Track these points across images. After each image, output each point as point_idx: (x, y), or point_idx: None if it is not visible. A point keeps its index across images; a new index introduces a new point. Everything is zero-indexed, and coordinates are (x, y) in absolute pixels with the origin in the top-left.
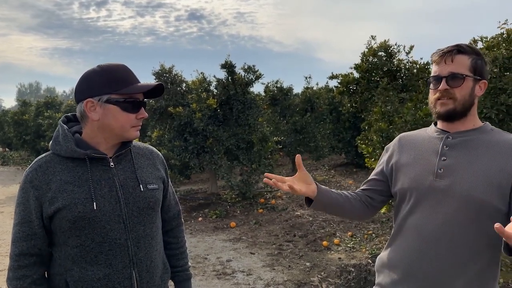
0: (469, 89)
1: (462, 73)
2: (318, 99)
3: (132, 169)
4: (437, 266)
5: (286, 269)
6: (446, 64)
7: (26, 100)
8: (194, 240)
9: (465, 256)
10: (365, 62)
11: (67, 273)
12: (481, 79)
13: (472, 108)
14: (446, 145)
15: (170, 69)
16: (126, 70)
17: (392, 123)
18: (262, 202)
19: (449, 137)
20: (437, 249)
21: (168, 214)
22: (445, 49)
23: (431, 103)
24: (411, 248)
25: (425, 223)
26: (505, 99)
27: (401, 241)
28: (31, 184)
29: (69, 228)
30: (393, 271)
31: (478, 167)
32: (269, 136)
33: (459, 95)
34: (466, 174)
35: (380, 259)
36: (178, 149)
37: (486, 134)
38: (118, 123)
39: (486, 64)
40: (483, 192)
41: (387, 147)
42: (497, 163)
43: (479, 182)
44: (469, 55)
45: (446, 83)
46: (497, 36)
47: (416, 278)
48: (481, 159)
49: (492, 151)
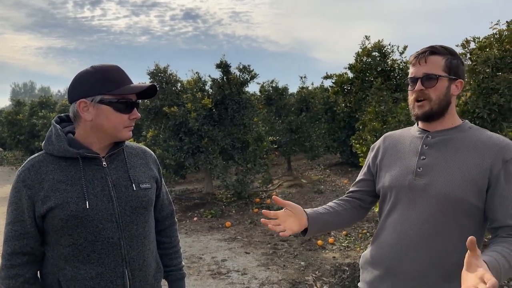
0: (444, 88)
1: (436, 73)
2: (313, 99)
3: (125, 168)
4: (417, 263)
5: (281, 269)
6: (420, 66)
7: (20, 100)
8: (189, 240)
9: (443, 253)
10: (359, 62)
11: (60, 272)
12: (457, 79)
13: (449, 108)
14: (425, 145)
15: (165, 68)
16: (119, 71)
17: (386, 123)
18: (258, 202)
19: (429, 136)
20: (416, 247)
21: (161, 214)
22: (420, 51)
23: (410, 104)
24: (391, 245)
25: (404, 221)
26: (497, 99)
27: (382, 239)
28: (23, 183)
29: (62, 227)
30: (375, 268)
31: (455, 165)
32: (264, 136)
33: (434, 95)
34: (444, 173)
35: (364, 256)
36: (173, 149)
37: (464, 132)
38: (111, 124)
39: (462, 64)
40: (460, 190)
41: (372, 146)
42: (473, 160)
43: (456, 180)
44: (443, 55)
45: (421, 84)
46: (490, 37)
47: (397, 275)
48: (459, 157)
49: (470, 149)
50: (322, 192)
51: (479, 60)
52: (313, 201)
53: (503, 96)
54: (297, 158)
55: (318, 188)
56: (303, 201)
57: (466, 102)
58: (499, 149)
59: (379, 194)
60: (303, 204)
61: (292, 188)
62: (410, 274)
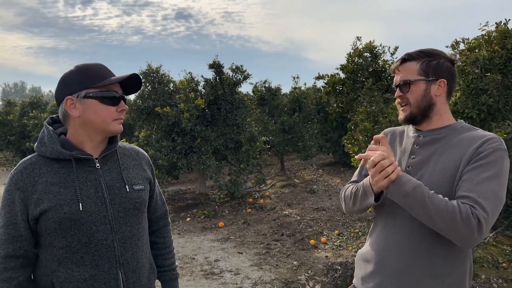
0: (420, 91)
1: (409, 79)
2: (306, 99)
3: (118, 170)
4: (402, 261)
5: (274, 268)
6: (397, 74)
7: (11, 100)
8: (182, 240)
9: (428, 251)
10: (350, 63)
11: (53, 274)
12: (438, 79)
13: (433, 108)
14: (416, 144)
15: (158, 68)
16: (102, 67)
17: (377, 123)
18: (251, 202)
19: (420, 136)
20: (402, 245)
21: (155, 214)
22: (397, 60)
23: (398, 109)
24: (380, 243)
25: (394, 219)
26: (486, 99)
27: (375, 236)
28: (16, 186)
29: (55, 229)
30: (367, 264)
31: (440, 163)
32: (258, 136)
33: (412, 99)
34: (429, 171)
35: (359, 253)
36: (166, 149)
37: (455, 131)
38: (99, 117)
39: (450, 62)
40: (443, 187)
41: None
42: (456, 157)
43: (439, 177)
44: (418, 60)
45: (399, 90)
46: (479, 38)
47: (385, 272)
48: (444, 155)
49: (456, 147)
50: (314, 192)
51: (468, 61)
52: (306, 200)
53: (492, 96)
54: (290, 158)
55: (311, 188)
56: (296, 200)
57: (456, 102)
58: (480, 142)
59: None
60: (296, 204)
61: (285, 188)
62: (397, 271)
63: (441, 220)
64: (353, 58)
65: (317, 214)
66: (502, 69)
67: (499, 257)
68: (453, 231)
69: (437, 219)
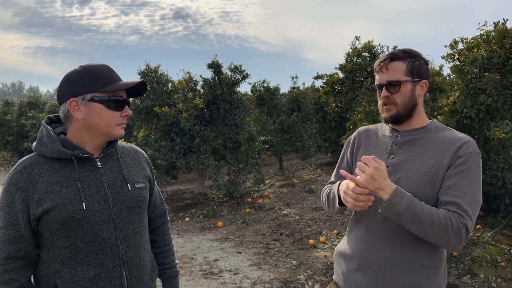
0: (408, 92)
1: (398, 79)
2: (305, 99)
3: (119, 168)
4: (385, 258)
5: (273, 268)
6: (383, 73)
7: (9, 100)
8: (181, 240)
9: (408, 248)
10: (349, 62)
11: (56, 274)
12: (421, 80)
13: (416, 108)
14: (395, 144)
15: (156, 68)
16: (108, 69)
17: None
18: (250, 202)
19: (398, 136)
20: (384, 242)
21: (154, 213)
22: (382, 59)
23: (379, 108)
24: (362, 241)
25: (374, 217)
26: (485, 98)
27: (355, 234)
28: (16, 186)
29: (58, 229)
30: (348, 261)
31: (419, 163)
32: (256, 136)
33: (399, 99)
34: (409, 171)
35: (337, 250)
36: (165, 149)
37: (431, 132)
38: (103, 121)
39: (426, 63)
40: (423, 187)
41: (348, 140)
42: (435, 159)
43: (419, 177)
44: (404, 60)
45: (386, 90)
46: (477, 37)
47: (368, 268)
48: (423, 156)
49: (434, 148)
50: (313, 192)
51: (467, 61)
52: (305, 200)
53: (491, 96)
54: (289, 158)
55: (309, 188)
56: (295, 200)
57: (454, 102)
58: (458, 145)
59: None
60: (295, 203)
61: (284, 188)
62: (379, 267)
63: (433, 232)
64: (352, 58)
65: (316, 213)
66: (500, 69)
67: (498, 256)
68: (443, 240)
69: (429, 232)
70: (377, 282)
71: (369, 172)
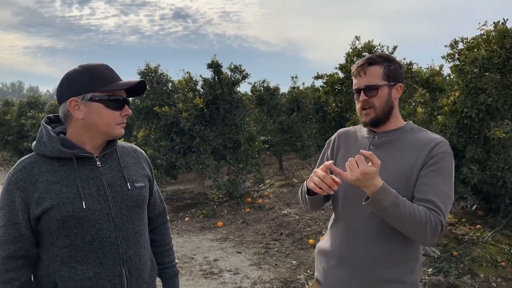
0: (385, 95)
1: (376, 83)
2: (305, 98)
3: (119, 167)
4: (366, 255)
5: (273, 268)
6: (361, 77)
7: (8, 100)
8: (181, 240)
9: (387, 244)
10: (349, 62)
11: (56, 274)
12: (396, 83)
13: (393, 111)
14: (372, 145)
15: (156, 68)
16: (107, 68)
17: None
18: (249, 202)
19: (376, 137)
20: (364, 240)
21: (153, 212)
22: (359, 63)
23: (358, 112)
24: (343, 239)
25: (354, 216)
26: (485, 98)
27: (335, 232)
28: (16, 186)
29: (58, 228)
30: (329, 258)
31: (395, 164)
32: (256, 136)
33: (377, 103)
34: (386, 170)
35: (319, 247)
36: (165, 149)
37: (406, 133)
38: (103, 121)
39: (400, 67)
40: (398, 185)
41: (328, 141)
42: (410, 159)
43: (395, 176)
44: (380, 64)
45: (365, 94)
46: (477, 37)
47: (349, 264)
48: (398, 156)
49: (409, 148)
50: None
51: (467, 61)
52: None
53: (491, 96)
54: (289, 157)
55: None
56: (295, 200)
57: (455, 101)
58: (431, 146)
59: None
60: (295, 203)
61: (284, 188)
62: (360, 263)
63: (413, 228)
64: (352, 58)
65: (315, 213)
66: (501, 69)
67: (498, 256)
68: (420, 236)
69: (409, 228)
70: (357, 278)
71: (356, 175)
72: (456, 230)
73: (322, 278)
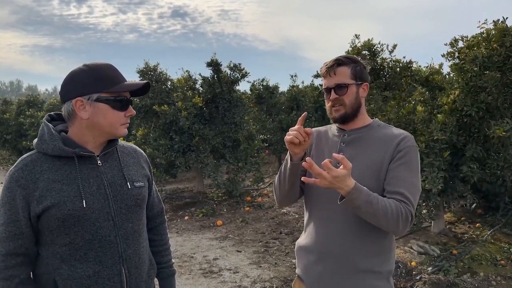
0: (354, 94)
1: (345, 82)
2: (304, 97)
3: (119, 167)
4: (343, 247)
5: (273, 266)
6: (331, 77)
7: (7, 99)
8: (180, 239)
9: (364, 236)
10: None
11: (55, 272)
12: (363, 82)
13: (360, 109)
14: (343, 142)
15: (155, 67)
16: (113, 69)
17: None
18: (249, 200)
19: (345, 134)
20: (341, 234)
21: (152, 212)
22: (328, 64)
23: (328, 110)
24: (320, 234)
25: (329, 212)
26: (485, 97)
27: (312, 229)
28: (17, 183)
29: (58, 226)
30: (308, 254)
31: (365, 159)
32: (255, 135)
33: (347, 100)
34: (356, 167)
35: (298, 244)
36: (164, 148)
37: (374, 130)
38: (107, 121)
39: (365, 68)
40: (370, 181)
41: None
42: (378, 154)
43: (365, 172)
44: (348, 65)
45: (335, 92)
46: (477, 36)
47: (327, 258)
48: (368, 152)
49: (376, 144)
50: None
51: (467, 59)
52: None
53: (491, 94)
54: None
55: None
56: None
57: (455, 100)
58: (397, 141)
59: (303, 186)
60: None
61: None
62: (339, 256)
63: (386, 221)
64: None
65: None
66: (501, 67)
67: (497, 254)
68: (393, 227)
69: (383, 221)
70: (337, 271)
71: (329, 179)
72: (456, 229)
73: (303, 275)
